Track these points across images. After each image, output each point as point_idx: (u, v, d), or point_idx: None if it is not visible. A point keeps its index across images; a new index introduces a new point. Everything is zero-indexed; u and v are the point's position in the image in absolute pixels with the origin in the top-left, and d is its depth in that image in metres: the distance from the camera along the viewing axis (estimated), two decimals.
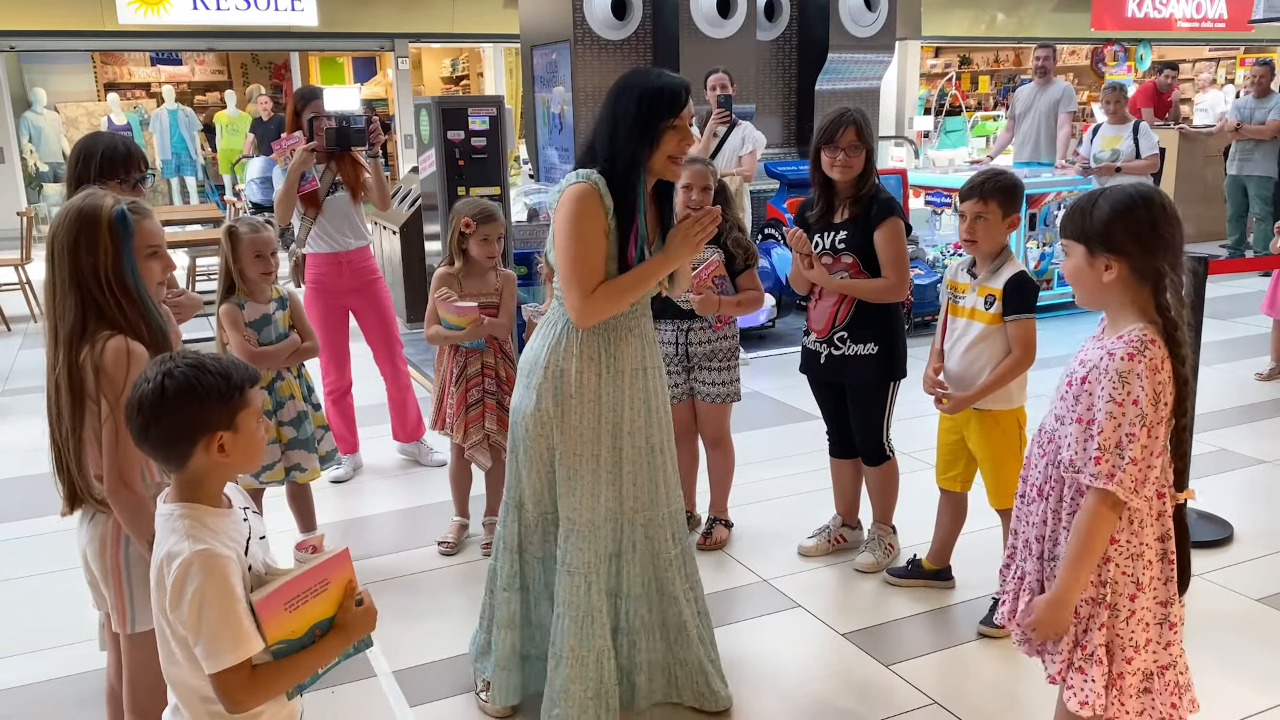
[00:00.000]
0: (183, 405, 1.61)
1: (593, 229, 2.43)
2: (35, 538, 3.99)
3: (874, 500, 3.60)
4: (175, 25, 12.12)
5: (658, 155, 2.47)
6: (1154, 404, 1.86)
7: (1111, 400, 1.87)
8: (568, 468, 2.56)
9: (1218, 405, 5.27)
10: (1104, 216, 1.92)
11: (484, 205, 3.65)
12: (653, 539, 2.68)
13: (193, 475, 1.67)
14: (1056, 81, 8.26)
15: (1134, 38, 17.58)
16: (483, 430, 3.63)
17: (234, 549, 1.65)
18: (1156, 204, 1.93)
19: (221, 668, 1.58)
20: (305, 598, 1.66)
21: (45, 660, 3.11)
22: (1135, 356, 1.86)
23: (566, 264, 2.44)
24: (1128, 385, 1.86)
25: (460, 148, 5.44)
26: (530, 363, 2.60)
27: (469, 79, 17.72)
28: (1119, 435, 1.87)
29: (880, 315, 3.34)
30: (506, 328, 3.66)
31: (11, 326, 7.81)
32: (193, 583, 1.58)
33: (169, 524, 1.65)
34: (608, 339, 2.55)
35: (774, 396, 5.59)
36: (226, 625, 1.58)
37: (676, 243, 2.51)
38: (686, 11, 7.70)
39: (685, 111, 2.47)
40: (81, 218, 1.99)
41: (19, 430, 5.37)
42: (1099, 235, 1.93)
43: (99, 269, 1.98)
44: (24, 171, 13.06)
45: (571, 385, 2.53)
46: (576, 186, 2.45)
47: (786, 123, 8.84)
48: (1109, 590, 1.96)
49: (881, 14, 8.53)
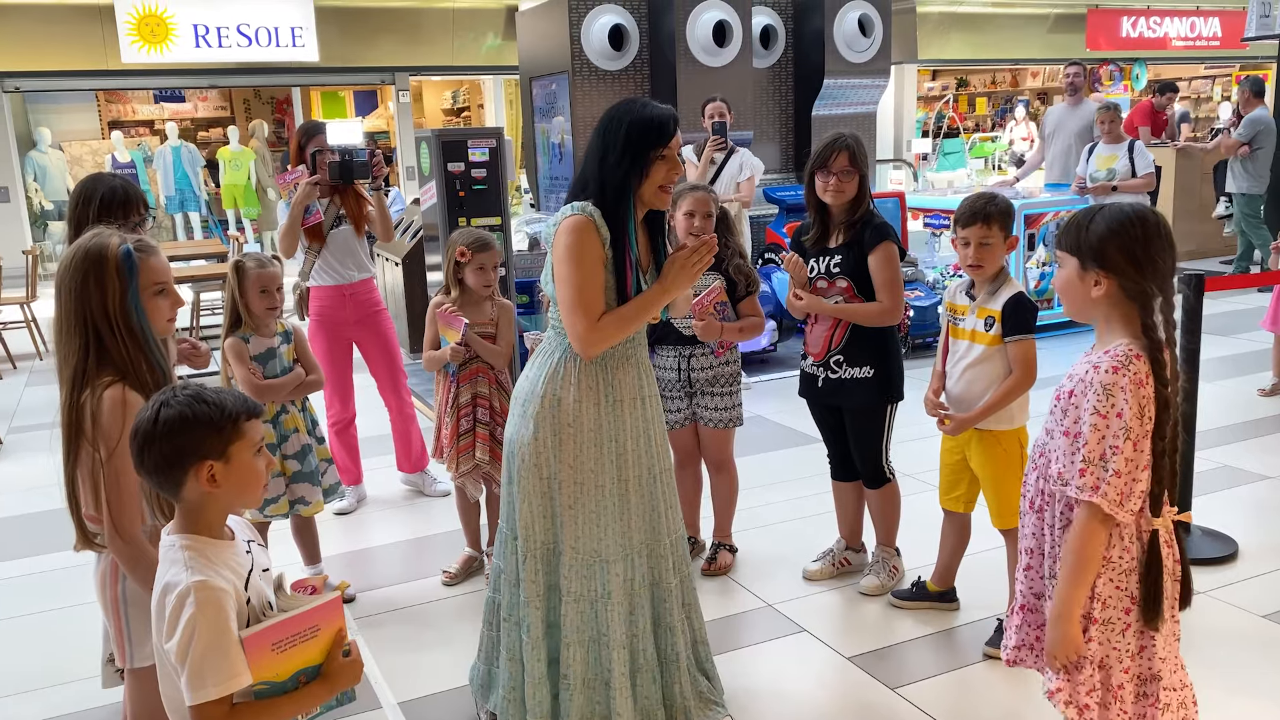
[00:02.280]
0: (174, 432, 1.64)
1: (592, 259, 2.47)
2: (38, 575, 4.00)
3: (876, 523, 3.60)
4: (178, 63, 12.25)
5: (648, 185, 2.51)
6: (1139, 417, 1.88)
7: (1096, 413, 1.89)
8: (569, 496, 2.57)
9: (1220, 421, 5.27)
10: (1099, 233, 1.94)
11: (479, 234, 3.68)
12: (655, 569, 2.69)
13: (190, 506, 1.69)
14: (1087, 101, 8.00)
15: (1129, 57, 17.70)
16: (473, 460, 3.63)
17: (234, 582, 1.66)
18: (1151, 225, 1.94)
19: (203, 700, 1.57)
20: (294, 641, 1.65)
21: (47, 698, 3.11)
22: (1120, 370, 1.89)
23: (570, 294, 2.46)
24: (1112, 398, 1.88)
25: (460, 179, 5.48)
26: (526, 392, 2.61)
27: (470, 111, 17.87)
28: (1103, 448, 1.90)
29: (876, 338, 3.36)
30: (503, 357, 3.67)
31: (18, 364, 7.84)
32: (187, 612, 1.58)
33: (170, 554, 1.67)
34: (605, 368, 2.58)
35: (776, 420, 5.60)
36: (215, 657, 1.58)
37: (675, 271, 2.53)
38: (683, 41, 7.78)
39: (674, 141, 2.51)
40: (89, 258, 2.02)
41: (24, 468, 5.39)
42: (1092, 250, 1.95)
43: (107, 307, 2.01)
44: (29, 210, 13.16)
45: (569, 414, 2.54)
46: (574, 219, 2.48)
47: (784, 148, 8.90)
48: (1098, 605, 1.97)
49: (876, 39, 8.60)
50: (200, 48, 12.24)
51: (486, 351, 3.62)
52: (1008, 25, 16.87)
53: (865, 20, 8.49)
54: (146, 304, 2.06)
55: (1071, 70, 8.01)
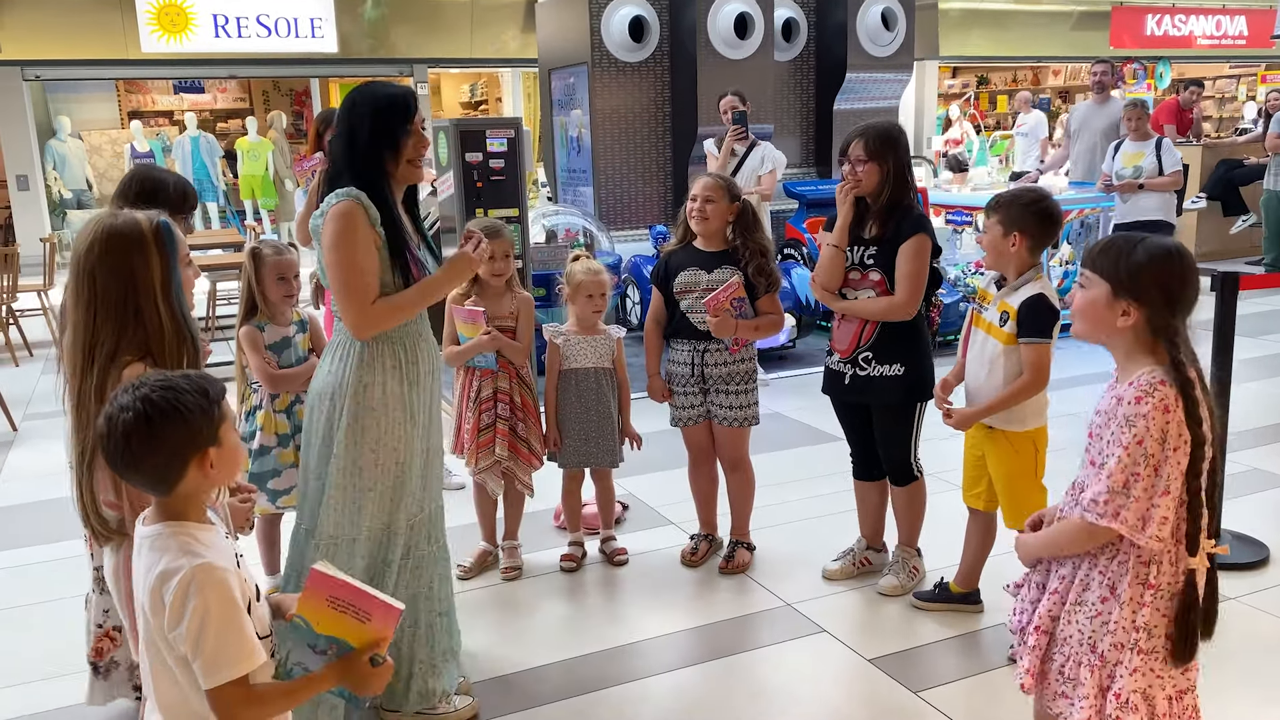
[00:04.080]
0: (171, 429, 1.58)
1: (364, 243, 2.52)
2: (54, 563, 3.97)
3: (900, 522, 3.53)
4: (198, 53, 12.25)
5: (400, 162, 2.60)
6: (1160, 443, 1.86)
7: (1120, 444, 1.89)
8: (370, 478, 2.62)
9: (1250, 424, 5.17)
10: (1139, 262, 1.92)
11: (489, 222, 3.64)
12: (416, 537, 2.77)
13: (180, 496, 1.64)
14: (1114, 99, 7.87)
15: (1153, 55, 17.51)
16: (493, 455, 3.58)
17: (228, 564, 1.63)
18: (1189, 264, 1.94)
19: (221, 682, 1.56)
20: (347, 609, 1.66)
21: (58, 686, 3.07)
22: (1143, 399, 1.88)
23: (339, 281, 2.53)
24: (1134, 427, 1.88)
25: (478, 169, 5.43)
26: (332, 386, 2.62)
27: (488, 104, 17.83)
28: (1126, 476, 1.89)
29: (906, 336, 3.29)
30: (523, 351, 3.61)
31: (34, 351, 7.85)
32: (195, 598, 1.55)
33: (159, 543, 1.62)
34: (405, 346, 2.66)
35: (795, 418, 5.54)
36: (229, 638, 1.56)
37: (459, 263, 2.66)
38: (704, 33, 7.71)
39: (418, 117, 2.61)
40: (127, 237, 1.98)
41: (38, 454, 5.37)
42: (1129, 279, 1.92)
43: (153, 282, 1.98)
44: (48, 198, 13.19)
45: (376, 398, 2.60)
46: (340, 205, 2.53)
47: (805, 143, 8.83)
48: (1143, 634, 1.93)
49: (900, 33, 8.52)
50: (220, 38, 12.24)
51: (508, 347, 3.56)
52: (1031, 22, 16.70)
53: (889, 14, 8.41)
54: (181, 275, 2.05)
55: (1099, 68, 7.88)
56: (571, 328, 3.74)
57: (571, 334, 3.72)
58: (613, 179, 8.08)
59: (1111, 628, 1.95)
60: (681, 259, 3.59)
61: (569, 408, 3.71)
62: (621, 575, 3.76)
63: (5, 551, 4.13)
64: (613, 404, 3.74)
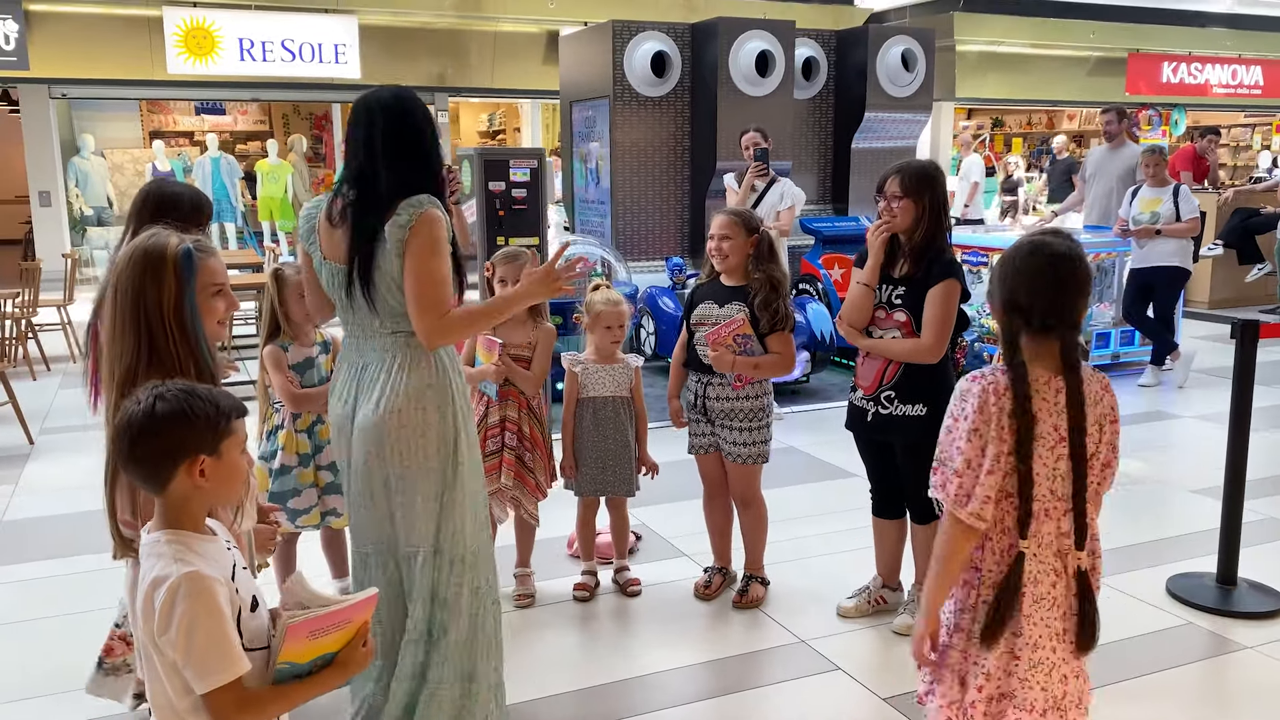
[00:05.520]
0: (171, 426, 1.63)
1: (446, 252, 2.49)
2: (65, 578, 3.98)
3: (919, 560, 3.51)
4: (222, 76, 12.41)
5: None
6: (986, 423, 2.00)
7: (950, 415, 2.08)
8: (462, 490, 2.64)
9: (1266, 472, 5.15)
10: (1000, 259, 2.12)
11: (510, 250, 3.67)
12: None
13: (174, 501, 1.67)
14: (1128, 145, 7.90)
15: (1169, 103, 17.60)
16: (498, 483, 3.56)
17: (221, 574, 1.66)
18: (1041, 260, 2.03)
19: (213, 687, 1.59)
20: (328, 631, 1.68)
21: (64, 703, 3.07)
22: (976, 378, 2.05)
23: (425, 287, 2.44)
24: (963, 402, 2.05)
25: (501, 198, 5.49)
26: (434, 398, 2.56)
27: (505, 134, 17.99)
28: (952, 449, 2.05)
29: (930, 376, 3.26)
30: (533, 382, 3.59)
31: (52, 366, 7.90)
32: (181, 605, 1.58)
33: (154, 550, 1.66)
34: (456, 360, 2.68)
35: (808, 452, 5.53)
36: (216, 645, 1.59)
37: (535, 283, 2.62)
38: (725, 69, 7.79)
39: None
40: (148, 257, 2.03)
41: (55, 468, 5.40)
42: (993, 275, 2.12)
43: (162, 306, 2.01)
44: (69, 215, 13.32)
45: (464, 411, 2.64)
46: (432, 211, 2.47)
47: (822, 180, 8.89)
48: (967, 616, 2.09)
49: (919, 74, 8.60)
50: (244, 61, 12.40)
51: (518, 376, 3.56)
52: (1047, 66, 16.82)
53: (909, 55, 8.49)
54: (202, 305, 2.07)
55: (1104, 118, 7.91)
56: (590, 356, 3.76)
57: (590, 363, 3.73)
58: (630, 210, 8.14)
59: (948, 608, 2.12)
60: (705, 292, 3.62)
61: (586, 436, 3.72)
62: (634, 606, 3.75)
63: (18, 565, 4.14)
64: (630, 433, 3.75)
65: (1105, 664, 3.18)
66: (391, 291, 2.49)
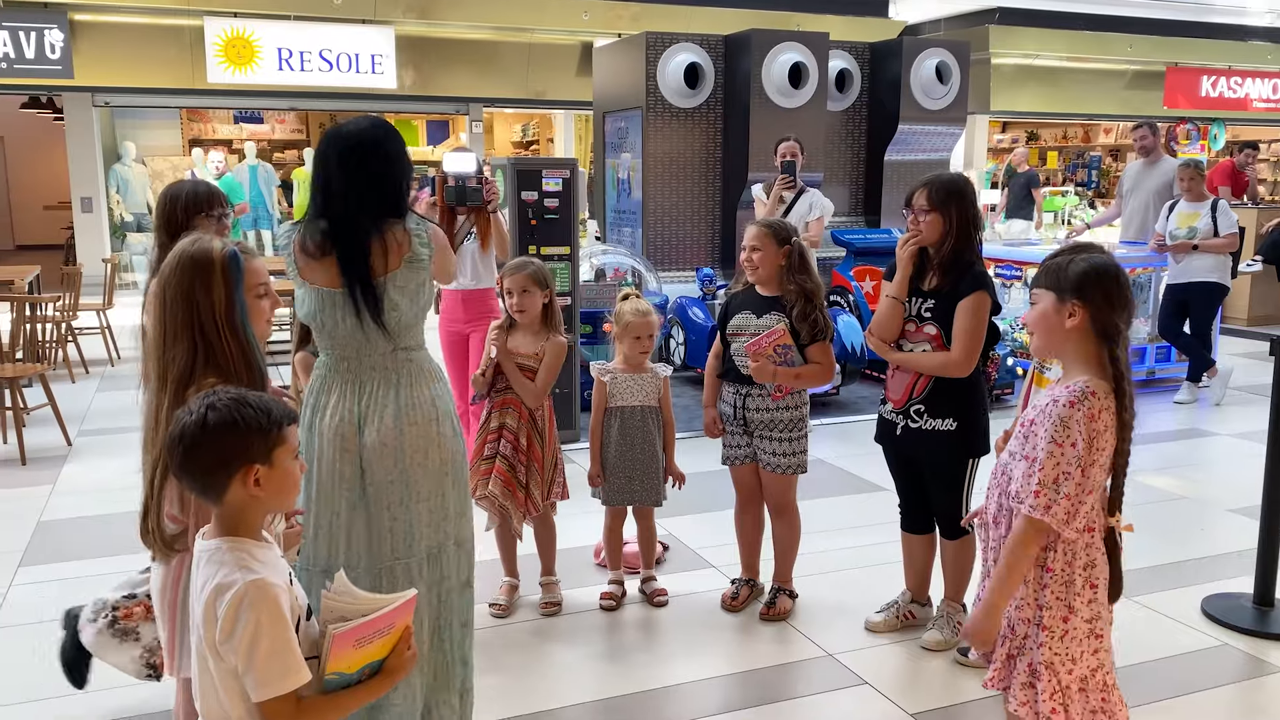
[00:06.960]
0: (223, 436, 1.64)
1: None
2: (100, 578, 4.02)
3: (947, 576, 3.49)
4: (261, 85, 12.58)
5: None
6: (1089, 447, 2.09)
7: (1052, 441, 2.11)
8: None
9: None
10: (1079, 270, 2.15)
11: (519, 259, 3.68)
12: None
13: (231, 510, 1.69)
14: (1165, 159, 7.82)
15: (1208, 117, 17.38)
16: (485, 490, 3.56)
17: (281, 581, 1.67)
18: (1123, 272, 2.19)
19: (271, 696, 1.59)
20: (373, 638, 1.69)
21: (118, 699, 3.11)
22: (1075, 405, 2.09)
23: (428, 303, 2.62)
24: (1067, 429, 2.09)
25: (533, 208, 5.52)
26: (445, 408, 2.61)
27: (539, 144, 18.08)
28: (1057, 473, 2.10)
29: (960, 390, 3.25)
30: (536, 395, 3.57)
31: (90, 369, 8.02)
32: (247, 613, 1.59)
33: (216, 557, 1.66)
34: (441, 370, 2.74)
35: (837, 465, 5.50)
36: (279, 655, 1.59)
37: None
38: (758, 81, 7.80)
39: None
40: (196, 263, 2.06)
41: (91, 470, 5.48)
42: (1071, 284, 2.15)
43: (215, 310, 2.05)
44: (110, 221, 13.54)
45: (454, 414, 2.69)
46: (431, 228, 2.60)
47: (854, 191, 8.86)
48: (1044, 613, 2.19)
49: (953, 87, 8.55)
50: (283, 70, 12.56)
51: (519, 385, 3.55)
52: (1084, 80, 16.67)
53: (943, 67, 8.45)
54: (250, 306, 2.11)
55: (1137, 134, 7.80)
56: (619, 365, 3.76)
57: (618, 372, 3.74)
58: (661, 220, 8.16)
59: (1019, 604, 2.22)
60: (740, 302, 3.62)
61: (614, 445, 3.72)
62: (661, 616, 3.75)
63: (57, 564, 4.21)
64: (658, 442, 3.75)
65: (1140, 683, 3.13)
66: (411, 308, 2.52)
